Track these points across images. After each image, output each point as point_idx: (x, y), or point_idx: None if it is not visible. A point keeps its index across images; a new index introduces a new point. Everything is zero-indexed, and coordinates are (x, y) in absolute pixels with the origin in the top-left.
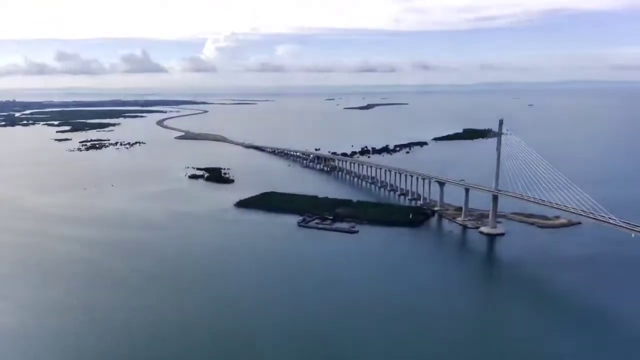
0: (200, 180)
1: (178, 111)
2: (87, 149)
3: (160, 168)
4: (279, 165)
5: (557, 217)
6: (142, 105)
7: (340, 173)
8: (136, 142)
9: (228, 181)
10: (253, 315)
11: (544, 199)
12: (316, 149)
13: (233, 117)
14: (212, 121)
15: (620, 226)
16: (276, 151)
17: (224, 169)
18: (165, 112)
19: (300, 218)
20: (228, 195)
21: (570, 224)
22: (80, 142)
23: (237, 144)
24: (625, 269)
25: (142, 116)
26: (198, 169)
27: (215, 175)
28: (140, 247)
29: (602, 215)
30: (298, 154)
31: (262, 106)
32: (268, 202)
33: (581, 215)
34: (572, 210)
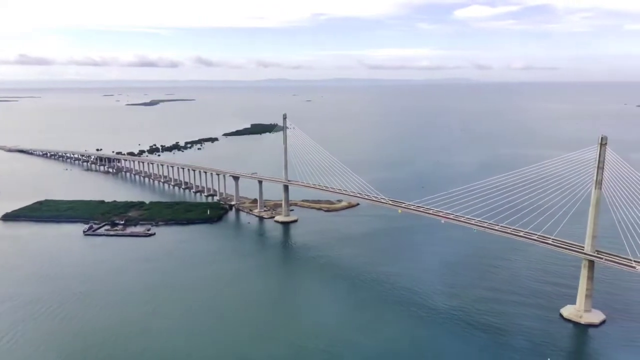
0: None
1: None
2: None
3: None
4: (53, 169)
5: (340, 201)
6: None
7: (128, 174)
8: None
9: None
10: (28, 341)
11: (327, 185)
12: (98, 150)
13: None
14: None
15: (389, 204)
16: (49, 154)
17: None
18: None
19: (86, 226)
20: None
21: (351, 206)
22: None
23: None
24: (392, 239)
25: None
26: None
27: None
28: None
29: (375, 196)
30: (76, 156)
31: (26, 103)
32: (44, 212)
33: (358, 197)
34: (351, 193)
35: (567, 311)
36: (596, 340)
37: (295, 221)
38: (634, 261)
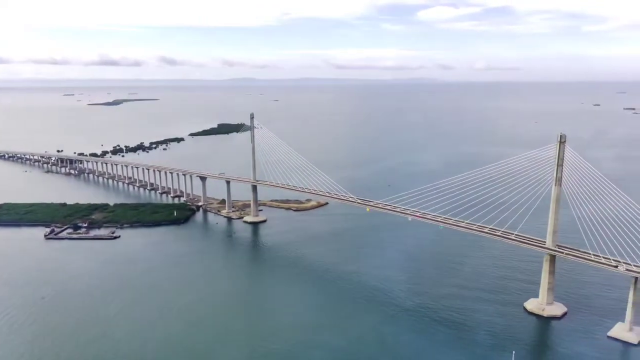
0: None
1: None
2: None
3: None
4: (11, 171)
5: (309, 200)
6: None
7: (91, 175)
8: None
9: None
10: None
11: (296, 184)
12: (59, 151)
13: None
14: None
15: (357, 203)
16: (6, 156)
17: None
18: None
19: (48, 230)
20: None
21: (320, 205)
22: None
23: None
24: (361, 237)
25: None
26: None
27: None
28: None
29: (343, 195)
30: (36, 157)
31: None
32: (3, 216)
33: (327, 196)
34: (320, 192)
35: (531, 305)
36: (558, 332)
37: (264, 221)
38: (593, 254)
